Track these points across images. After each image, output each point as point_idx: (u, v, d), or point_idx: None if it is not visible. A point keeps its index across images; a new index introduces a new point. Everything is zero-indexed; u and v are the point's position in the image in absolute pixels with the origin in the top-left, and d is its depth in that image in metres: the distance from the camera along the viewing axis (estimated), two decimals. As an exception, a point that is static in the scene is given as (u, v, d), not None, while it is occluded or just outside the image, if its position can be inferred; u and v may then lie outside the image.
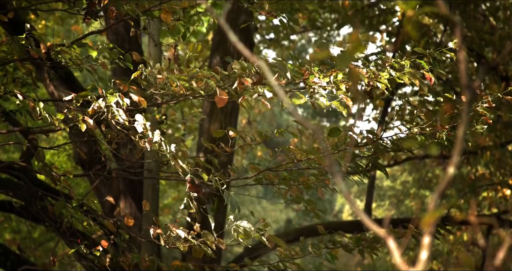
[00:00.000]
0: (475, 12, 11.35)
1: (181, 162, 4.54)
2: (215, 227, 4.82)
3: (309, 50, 22.72)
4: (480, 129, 5.02)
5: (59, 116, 4.58)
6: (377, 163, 5.27)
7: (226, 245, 4.87)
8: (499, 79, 11.66)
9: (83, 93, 4.69)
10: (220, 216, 9.03)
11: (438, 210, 1.60)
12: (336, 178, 1.65)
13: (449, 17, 1.75)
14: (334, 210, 27.27)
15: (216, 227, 4.85)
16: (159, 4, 4.98)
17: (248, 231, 4.80)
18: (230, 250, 20.54)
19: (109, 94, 4.57)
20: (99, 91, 4.62)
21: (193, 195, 4.72)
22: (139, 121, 4.48)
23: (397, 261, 1.62)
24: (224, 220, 9.46)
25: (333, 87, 4.87)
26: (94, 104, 4.52)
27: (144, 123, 4.48)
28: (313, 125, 1.79)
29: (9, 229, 12.64)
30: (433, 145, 5.08)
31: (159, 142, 4.50)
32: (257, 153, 16.44)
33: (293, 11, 11.95)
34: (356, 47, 1.70)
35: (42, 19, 12.55)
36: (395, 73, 4.97)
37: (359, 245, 5.27)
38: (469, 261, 1.91)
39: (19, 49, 4.74)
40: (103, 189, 8.58)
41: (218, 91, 4.69)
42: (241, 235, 4.80)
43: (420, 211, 16.22)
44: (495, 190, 13.07)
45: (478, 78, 10.76)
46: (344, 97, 4.87)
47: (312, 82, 4.85)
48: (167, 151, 4.50)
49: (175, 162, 4.54)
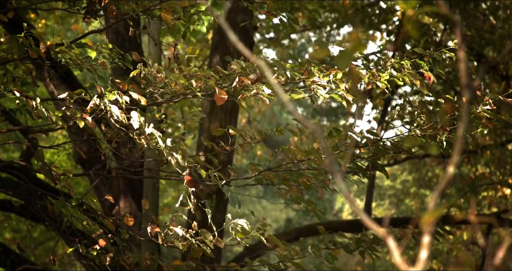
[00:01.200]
0: (475, 11, 11.34)
1: (177, 155, 4.53)
2: (214, 225, 4.81)
3: (309, 49, 22.72)
4: (480, 133, 5.02)
5: (57, 113, 4.58)
6: (377, 163, 5.27)
7: (225, 244, 4.87)
8: (499, 79, 11.66)
9: (77, 91, 4.68)
10: (219, 215, 9.02)
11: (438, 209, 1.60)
12: (336, 178, 1.65)
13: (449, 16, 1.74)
14: (334, 209, 27.27)
15: (215, 226, 4.85)
16: (159, 3, 4.98)
17: (246, 230, 4.79)
18: (230, 250, 20.54)
19: (107, 92, 4.57)
20: (97, 90, 4.62)
21: (191, 189, 4.71)
22: (134, 118, 4.48)
23: (397, 261, 1.61)
24: (223, 219, 9.46)
25: (332, 88, 4.87)
26: (91, 102, 4.51)
27: (139, 120, 4.48)
28: (313, 124, 1.79)
29: (9, 228, 12.64)
30: (433, 145, 5.08)
31: (154, 137, 4.49)
32: (257, 152, 16.43)
33: (293, 10, 11.94)
34: (356, 46, 1.69)
35: (42, 19, 12.54)
36: (396, 74, 4.98)
37: (359, 246, 5.26)
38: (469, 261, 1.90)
39: (18, 48, 4.74)
40: (103, 188, 8.57)
41: (217, 90, 4.70)
42: (239, 233, 4.80)
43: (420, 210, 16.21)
44: (495, 189, 13.07)
45: (478, 77, 10.76)
46: (344, 93, 4.88)
47: (312, 81, 4.85)
48: (163, 146, 4.49)
49: (171, 157, 4.53)
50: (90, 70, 4.88)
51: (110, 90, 4.58)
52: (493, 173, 12.83)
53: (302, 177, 5.16)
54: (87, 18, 5.03)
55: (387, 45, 12.22)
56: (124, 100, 4.56)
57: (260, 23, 12.65)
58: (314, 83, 4.85)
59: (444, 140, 5.02)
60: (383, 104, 11.98)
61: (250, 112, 16.25)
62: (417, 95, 12.16)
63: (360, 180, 5.34)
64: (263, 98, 4.78)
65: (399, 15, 11.70)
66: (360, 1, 12.22)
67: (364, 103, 5.13)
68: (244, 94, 4.78)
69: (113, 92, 4.56)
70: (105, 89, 4.65)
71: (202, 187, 4.79)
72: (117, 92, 4.57)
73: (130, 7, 4.85)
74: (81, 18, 6.30)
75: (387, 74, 4.97)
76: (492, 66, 11.46)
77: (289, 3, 11.73)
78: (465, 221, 11.00)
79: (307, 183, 5.13)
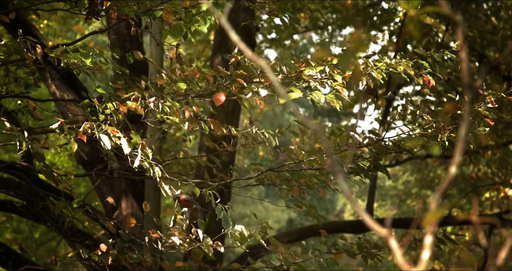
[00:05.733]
0: (477, 12, 11.34)
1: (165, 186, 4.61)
2: (214, 230, 4.83)
3: (310, 50, 22.72)
4: (482, 131, 5.02)
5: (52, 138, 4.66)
6: (379, 163, 5.27)
7: (225, 247, 4.89)
8: (501, 79, 11.65)
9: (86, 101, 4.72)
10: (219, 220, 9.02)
11: (440, 209, 1.60)
12: (338, 178, 1.65)
13: (451, 16, 1.74)
14: (336, 210, 27.26)
15: (215, 230, 4.87)
16: (161, 4, 4.98)
17: (244, 234, 4.81)
18: (232, 250, 20.53)
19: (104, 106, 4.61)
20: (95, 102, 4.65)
21: (183, 210, 4.77)
22: (123, 145, 4.51)
23: (399, 261, 1.61)
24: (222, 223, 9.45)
25: (328, 78, 4.88)
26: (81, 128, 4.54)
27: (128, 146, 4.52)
28: (314, 124, 1.79)
29: (10, 229, 12.64)
30: (435, 144, 5.07)
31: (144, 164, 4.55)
32: (259, 152, 16.43)
33: (295, 11, 11.94)
34: (357, 47, 1.69)
35: (44, 19, 12.55)
36: (391, 62, 4.98)
37: (361, 251, 5.26)
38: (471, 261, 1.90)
39: (15, 52, 4.75)
40: (105, 188, 8.57)
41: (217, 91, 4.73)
42: (238, 238, 4.81)
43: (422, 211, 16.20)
44: (497, 190, 13.06)
45: (480, 77, 10.75)
46: (340, 88, 4.88)
47: (308, 75, 4.86)
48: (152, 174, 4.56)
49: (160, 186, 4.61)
50: (88, 74, 4.89)
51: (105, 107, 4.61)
52: (495, 173, 12.82)
53: (304, 177, 5.15)
54: (89, 19, 5.03)
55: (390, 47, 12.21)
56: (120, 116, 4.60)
57: (261, 23, 12.65)
58: (311, 78, 4.86)
59: (445, 139, 5.02)
60: (385, 104, 11.97)
61: (252, 112, 16.25)
62: (419, 95, 12.16)
63: (362, 181, 5.33)
64: (258, 100, 4.80)
65: (401, 15, 11.69)
66: (362, 1, 12.21)
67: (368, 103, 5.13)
68: (237, 86, 4.80)
69: (110, 107, 4.59)
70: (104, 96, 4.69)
71: (195, 206, 4.85)
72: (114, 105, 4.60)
73: (130, 10, 4.85)
74: (82, 19, 6.31)
75: (383, 64, 4.97)
76: (494, 66, 11.45)
77: (291, 4, 11.73)
78: (467, 221, 10.98)
79: (309, 183, 5.13)
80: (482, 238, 12.75)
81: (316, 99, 4.86)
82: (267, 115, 23.13)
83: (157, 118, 4.81)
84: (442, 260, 14.49)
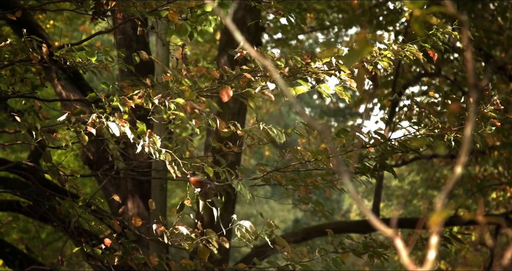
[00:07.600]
0: (483, 12, 11.32)
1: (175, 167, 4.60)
2: (222, 224, 4.82)
3: (316, 50, 22.69)
4: (488, 130, 5.01)
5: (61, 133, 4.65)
6: (385, 163, 5.26)
7: (232, 245, 4.87)
8: (507, 79, 11.63)
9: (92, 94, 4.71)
10: (227, 215, 9.03)
11: (445, 209, 1.60)
12: (343, 178, 1.65)
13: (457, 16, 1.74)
14: (342, 210, 27.24)
15: (223, 225, 4.86)
16: (167, 3, 4.98)
17: (250, 231, 4.80)
18: (238, 250, 20.54)
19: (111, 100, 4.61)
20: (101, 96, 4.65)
21: (197, 190, 4.73)
22: (127, 133, 4.51)
23: (405, 261, 1.61)
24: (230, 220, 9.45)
25: (335, 70, 4.89)
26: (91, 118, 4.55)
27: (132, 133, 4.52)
28: (320, 125, 1.79)
29: (17, 229, 12.66)
30: (440, 144, 5.07)
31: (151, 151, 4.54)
32: (265, 152, 16.43)
33: (301, 11, 11.94)
34: (363, 46, 1.69)
35: (50, 19, 12.57)
36: (397, 47, 5.00)
37: (367, 250, 5.26)
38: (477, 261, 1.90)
39: (21, 51, 4.76)
40: (111, 188, 8.59)
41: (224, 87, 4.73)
42: (244, 234, 4.80)
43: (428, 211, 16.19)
44: (503, 190, 13.04)
45: (485, 77, 10.74)
46: (348, 79, 4.88)
47: (314, 67, 4.86)
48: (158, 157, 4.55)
49: (170, 166, 4.59)
50: (94, 73, 4.89)
51: (111, 99, 4.61)
52: (502, 173, 12.80)
53: (310, 177, 5.15)
54: (95, 19, 5.04)
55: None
56: (127, 108, 4.59)
57: (267, 23, 12.65)
58: (317, 70, 4.86)
59: (452, 139, 5.01)
60: (390, 105, 11.96)
61: (258, 113, 16.25)
62: (425, 96, 12.15)
63: (368, 180, 5.33)
64: (267, 94, 4.78)
65: (407, 15, 11.68)
66: (368, 1, 12.21)
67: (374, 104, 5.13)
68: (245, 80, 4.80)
69: (116, 100, 4.59)
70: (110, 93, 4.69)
71: (210, 185, 4.79)
72: (120, 99, 4.60)
73: (136, 10, 4.85)
74: (89, 19, 6.32)
75: (390, 51, 4.99)
76: (500, 66, 11.43)
77: (297, 3, 11.73)
78: (473, 221, 10.97)
79: (315, 183, 5.13)
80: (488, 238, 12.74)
81: (324, 93, 4.86)
82: (272, 115, 23.13)
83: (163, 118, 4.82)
84: (448, 260, 14.47)
